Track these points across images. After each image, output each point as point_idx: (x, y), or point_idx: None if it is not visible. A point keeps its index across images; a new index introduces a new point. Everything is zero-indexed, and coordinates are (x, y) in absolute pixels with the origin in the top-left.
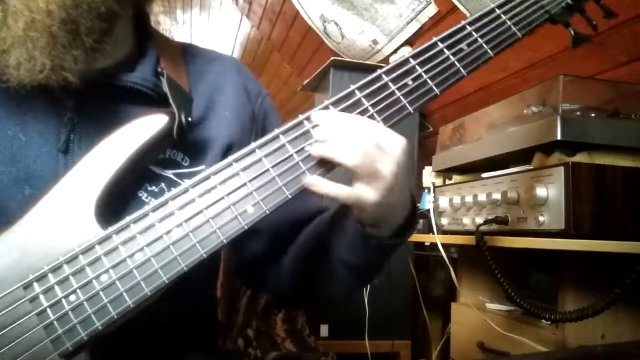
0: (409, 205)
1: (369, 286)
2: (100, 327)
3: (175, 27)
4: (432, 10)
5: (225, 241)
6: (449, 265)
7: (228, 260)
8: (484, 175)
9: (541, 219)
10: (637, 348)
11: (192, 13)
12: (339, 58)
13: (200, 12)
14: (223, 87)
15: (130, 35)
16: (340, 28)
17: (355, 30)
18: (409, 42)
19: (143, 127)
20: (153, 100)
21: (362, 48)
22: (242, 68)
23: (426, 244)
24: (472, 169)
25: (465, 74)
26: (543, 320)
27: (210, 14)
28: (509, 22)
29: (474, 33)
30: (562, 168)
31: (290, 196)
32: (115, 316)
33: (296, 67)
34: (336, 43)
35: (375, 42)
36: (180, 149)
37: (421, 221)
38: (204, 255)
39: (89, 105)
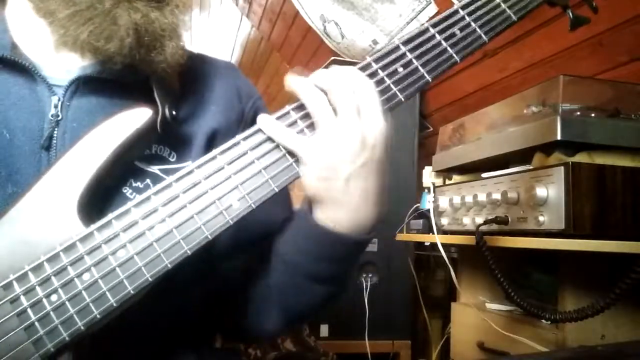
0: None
1: (369, 286)
2: (82, 328)
3: None
4: (432, 10)
5: (210, 237)
6: (449, 265)
7: None
8: (484, 175)
9: (541, 219)
10: (637, 348)
11: (191, 13)
12: (339, 58)
13: (200, 12)
14: (214, 85)
15: None
16: (340, 28)
17: (355, 30)
18: None
19: (126, 121)
20: (139, 94)
21: (362, 48)
22: (236, 70)
23: (426, 244)
24: (472, 169)
25: (459, 60)
26: (543, 320)
27: (210, 14)
28: (503, 5)
29: (466, 17)
30: (562, 168)
31: (277, 189)
32: (98, 316)
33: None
34: (336, 43)
35: (375, 42)
36: (167, 144)
37: (421, 221)
38: (188, 252)
39: (73, 100)
